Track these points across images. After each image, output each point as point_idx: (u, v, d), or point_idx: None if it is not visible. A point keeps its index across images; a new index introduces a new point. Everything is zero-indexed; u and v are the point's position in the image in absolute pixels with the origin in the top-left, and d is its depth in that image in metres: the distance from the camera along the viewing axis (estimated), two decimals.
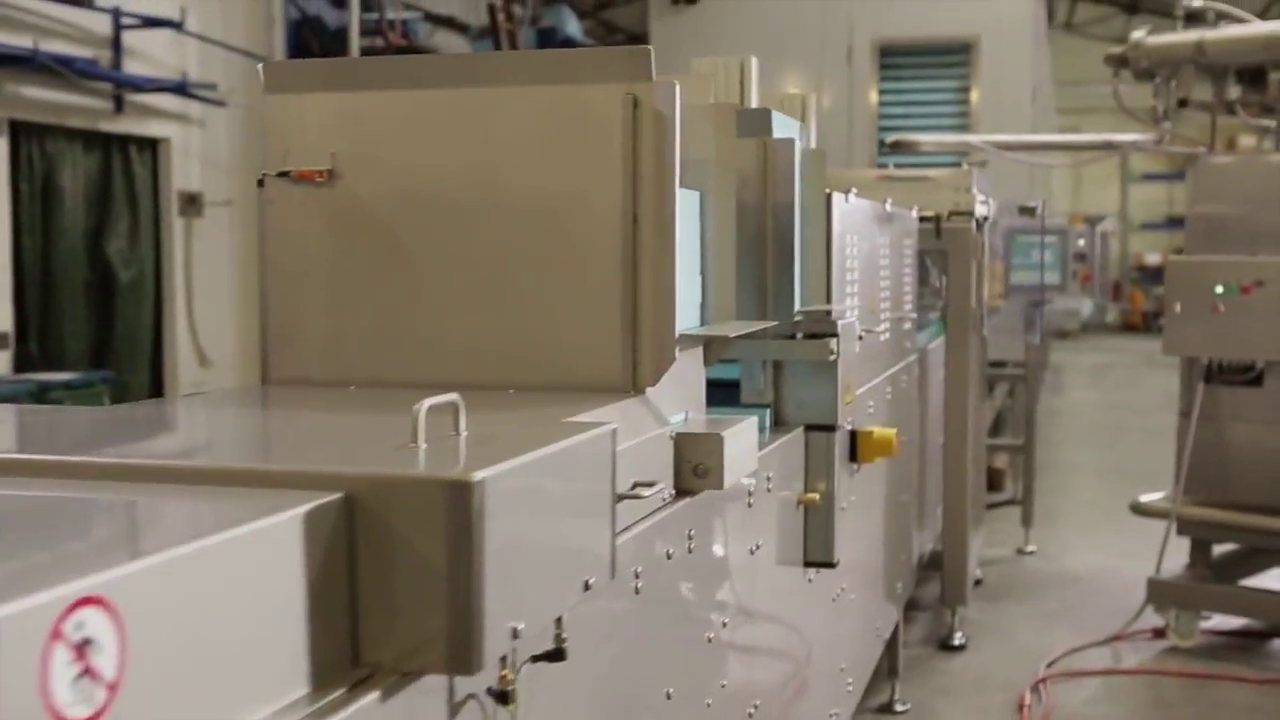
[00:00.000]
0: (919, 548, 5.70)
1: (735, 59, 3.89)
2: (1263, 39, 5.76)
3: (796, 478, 3.12)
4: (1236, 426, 5.93)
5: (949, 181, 5.65)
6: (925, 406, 5.67)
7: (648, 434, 2.08)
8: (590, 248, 2.20)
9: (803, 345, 3.08)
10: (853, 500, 3.82)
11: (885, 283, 4.42)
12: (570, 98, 2.20)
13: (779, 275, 3.08)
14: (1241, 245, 5.79)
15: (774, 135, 3.09)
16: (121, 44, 8.68)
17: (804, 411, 3.17)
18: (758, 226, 3.09)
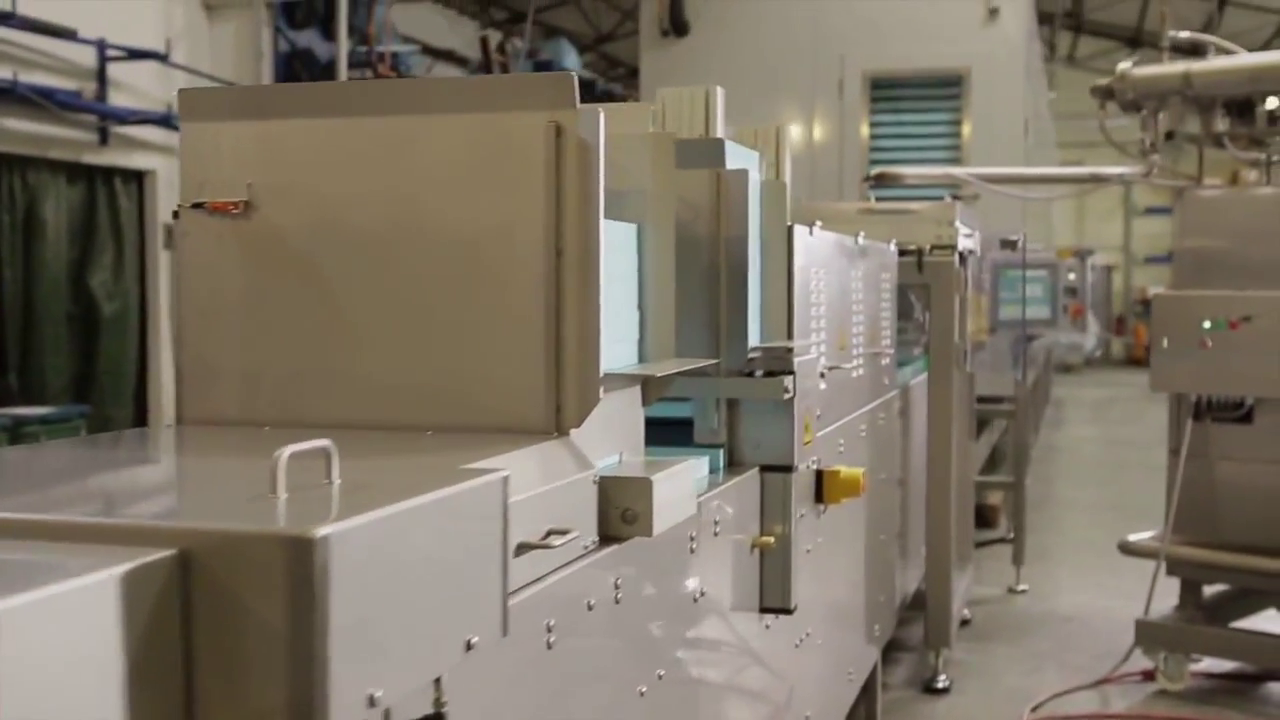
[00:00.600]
0: (902, 588, 5.58)
1: (700, 89, 3.80)
2: (1249, 71, 5.67)
3: (751, 520, 3.01)
4: (1226, 465, 5.81)
5: (931, 215, 5.56)
6: (908, 443, 5.56)
7: (566, 479, 1.98)
8: (513, 282, 2.10)
9: (756, 383, 2.98)
10: (820, 542, 3.71)
11: (858, 317, 4.32)
12: (492, 126, 2.11)
13: (733, 311, 2.99)
14: (1230, 279, 5.69)
15: (727, 166, 3.00)
16: (106, 76, 8.62)
17: (760, 452, 3.06)
18: (711, 260, 3.00)
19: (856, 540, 4.35)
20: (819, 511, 3.68)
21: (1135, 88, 5.88)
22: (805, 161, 9.33)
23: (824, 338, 3.74)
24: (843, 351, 4.04)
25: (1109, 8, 23.92)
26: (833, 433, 3.91)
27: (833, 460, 3.87)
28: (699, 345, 2.99)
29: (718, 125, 3.76)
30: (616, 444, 2.31)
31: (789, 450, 3.05)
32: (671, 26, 9.52)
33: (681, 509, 2.27)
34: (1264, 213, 5.70)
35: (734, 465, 3.05)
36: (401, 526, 1.33)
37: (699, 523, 2.57)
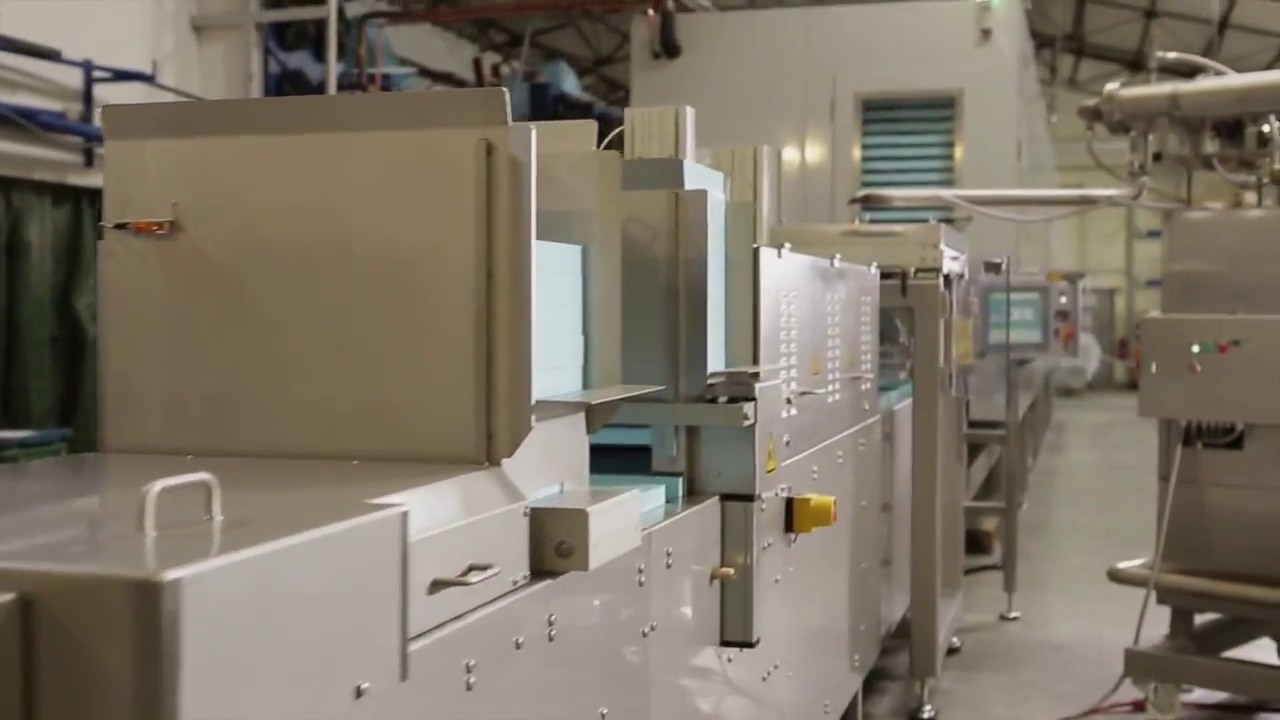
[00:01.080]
0: (887, 616, 5.49)
1: (669, 109, 3.74)
2: (1237, 92, 5.59)
3: (711, 551, 2.92)
4: (1217, 491, 5.71)
5: (916, 237, 5.48)
6: (893, 469, 5.47)
7: (493, 511, 1.90)
8: (443, 306, 2.03)
9: (714, 410, 2.89)
10: (790, 571, 3.62)
11: (835, 341, 4.23)
12: (422, 144, 2.03)
13: (691, 335, 2.91)
14: (1220, 303, 5.60)
15: (686, 187, 2.92)
16: (93, 97, 8.57)
17: (721, 480, 2.98)
18: (669, 283, 2.92)
19: (833, 569, 4.25)
20: (789, 540, 3.60)
21: (1123, 109, 5.80)
22: (798, 183, 9.26)
23: (795, 362, 3.66)
24: (817, 376, 3.96)
25: (1110, 31, 23.90)
26: (805, 459, 3.82)
27: (806, 487, 3.78)
28: (656, 370, 2.91)
29: (687, 145, 3.70)
30: (557, 473, 2.23)
31: (750, 479, 2.96)
32: (663, 48, 9.46)
33: (622, 541, 2.19)
34: (1254, 235, 5.62)
35: (694, 494, 2.97)
36: (276, 567, 1.25)
37: (648, 554, 2.49)
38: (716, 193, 3.23)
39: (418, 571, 1.65)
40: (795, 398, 3.68)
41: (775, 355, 3.46)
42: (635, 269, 2.92)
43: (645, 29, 9.51)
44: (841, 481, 4.38)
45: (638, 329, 2.92)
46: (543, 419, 2.14)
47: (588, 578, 2.13)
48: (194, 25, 9.56)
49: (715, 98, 9.45)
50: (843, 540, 4.45)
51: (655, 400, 2.91)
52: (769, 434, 3.06)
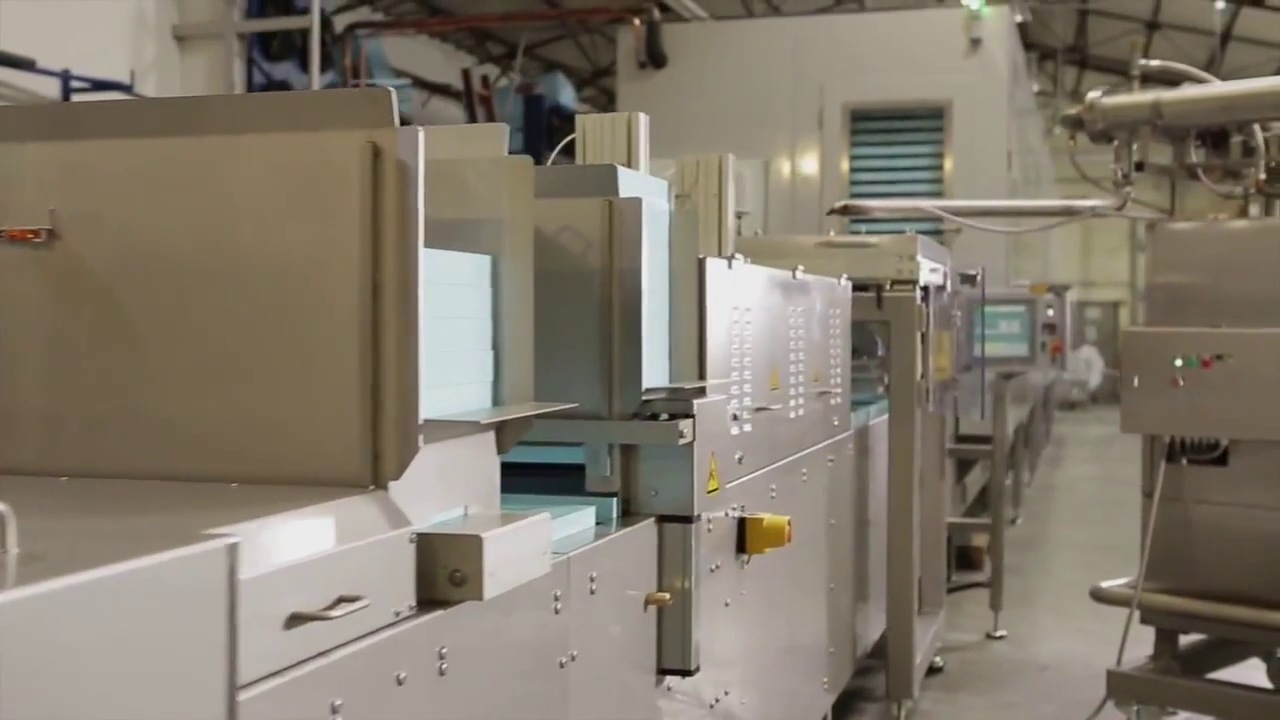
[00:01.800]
0: (864, 635, 5.36)
1: (622, 115, 3.62)
2: (1220, 100, 5.46)
3: (646, 575, 2.80)
4: (1202, 508, 5.57)
5: (892, 249, 5.36)
6: (869, 486, 5.34)
7: (370, 537, 1.77)
8: (328, 319, 1.91)
9: (648, 428, 2.77)
10: (744, 594, 3.49)
11: (798, 355, 4.11)
12: (305, 147, 1.92)
13: (626, 349, 2.78)
14: (1204, 316, 5.47)
15: (621, 194, 2.80)
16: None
17: (658, 501, 2.85)
18: (604, 295, 2.79)
19: (796, 589, 4.12)
20: (742, 562, 3.47)
21: (1105, 117, 5.67)
22: (786, 194, 9.15)
23: (749, 377, 3.54)
24: (775, 391, 3.84)
25: (1112, 43, 23.77)
26: (762, 477, 3.70)
27: (763, 506, 3.66)
28: (590, 386, 2.79)
29: (640, 154, 3.58)
30: (460, 496, 2.10)
31: (689, 499, 2.84)
32: (649, 58, 9.36)
33: (528, 568, 2.06)
34: (1239, 247, 5.49)
35: (631, 515, 2.84)
36: (62, 607, 1.13)
37: (567, 579, 2.36)
38: (659, 201, 3.12)
39: (270, 605, 1.53)
40: (749, 414, 3.56)
41: (725, 370, 3.34)
42: (568, 280, 2.81)
43: (631, 39, 9.41)
44: (806, 499, 4.25)
45: (571, 343, 2.81)
46: (442, 439, 2.03)
47: (489, 607, 2.01)
48: (175, 35, 9.47)
49: (702, 108, 9.36)
50: (809, 560, 4.33)
51: (589, 417, 2.80)
52: (710, 452, 2.93)
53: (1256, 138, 5.47)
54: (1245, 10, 20.13)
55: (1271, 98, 5.33)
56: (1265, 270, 5.37)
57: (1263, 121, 5.47)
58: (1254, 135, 5.48)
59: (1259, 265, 5.39)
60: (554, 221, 2.81)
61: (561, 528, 2.55)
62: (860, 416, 5.48)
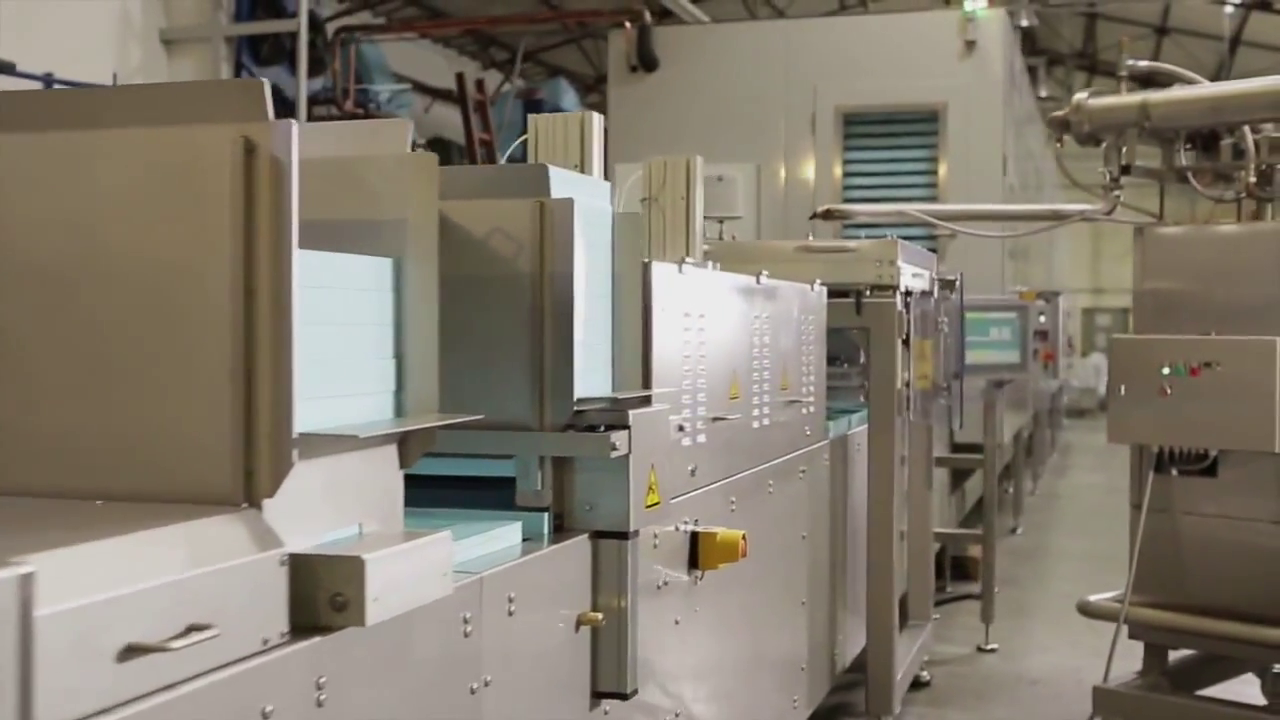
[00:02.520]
0: (842, 650, 5.22)
1: (575, 116, 3.51)
2: (1209, 101, 5.32)
3: (579, 594, 2.67)
4: (1190, 520, 5.43)
5: (871, 253, 5.22)
6: (847, 497, 5.21)
7: (231, 560, 1.65)
8: (198, 326, 1.79)
9: (579, 439, 2.64)
10: (697, 611, 3.37)
11: (762, 363, 3.98)
12: (174, 142, 1.80)
13: (557, 358, 2.66)
14: (1193, 323, 5.33)
15: (552, 195, 2.68)
16: None
17: (593, 516, 2.72)
18: (534, 301, 2.67)
19: (761, 605, 3.99)
20: (695, 578, 3.34)
21: (1091, 119, 5.54)
22: (779, 199, 9.02)
23: (704, 385, 3.41)
24: (736, 400, 3.71)
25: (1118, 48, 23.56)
26: (720, 489, 3.58)
27: (721, 520, 3.53)
28: (520, 397, 2.67)
29: (594, 154, 3.47)
30: (354, 514, 1.98)
31: (624, 514, 2.71)
32: (640, 61, 9.23)
33: (423, 590, 1.94)
34: (1227, 252, 5.35)
35: (565, 531, 2.72)
36: None
37: (480, 600, 2.24)
38: (600, 203, 3.00)
39: (95, 637, 1.40)
40: (705, 424, 3.43)
41: (676, 378, 3.22)
42: (498, 285, 2.69)
43: (623, 42, 9.29)
44: (773, 511, 4.12)
45: (500, 351, 2.69)
46: (328, 453, 1.90)
47: (379, 632, 1.88)
48: (163, 38, 9.38)
49: (694, 112, 9.24)
50: (777, 573, 4.20)
51: (519, 429, 2.68)
52: (650, 464, 2.80)
53: (1246, 140, 5.33)
54: (1255, 15, 19.95)
55: (1261, 99, 5.19)
56: (1256, 276, 5.22)
57: (1253, 123, 5.33)
58: (1244, 138, 5.34)
59: (1249, 271, 5.25)
60: (484, 224, 2.69)
61: (482, 545, 2.44)
62: (841, 425, 5.35)
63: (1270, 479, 5.20)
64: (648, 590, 3.04)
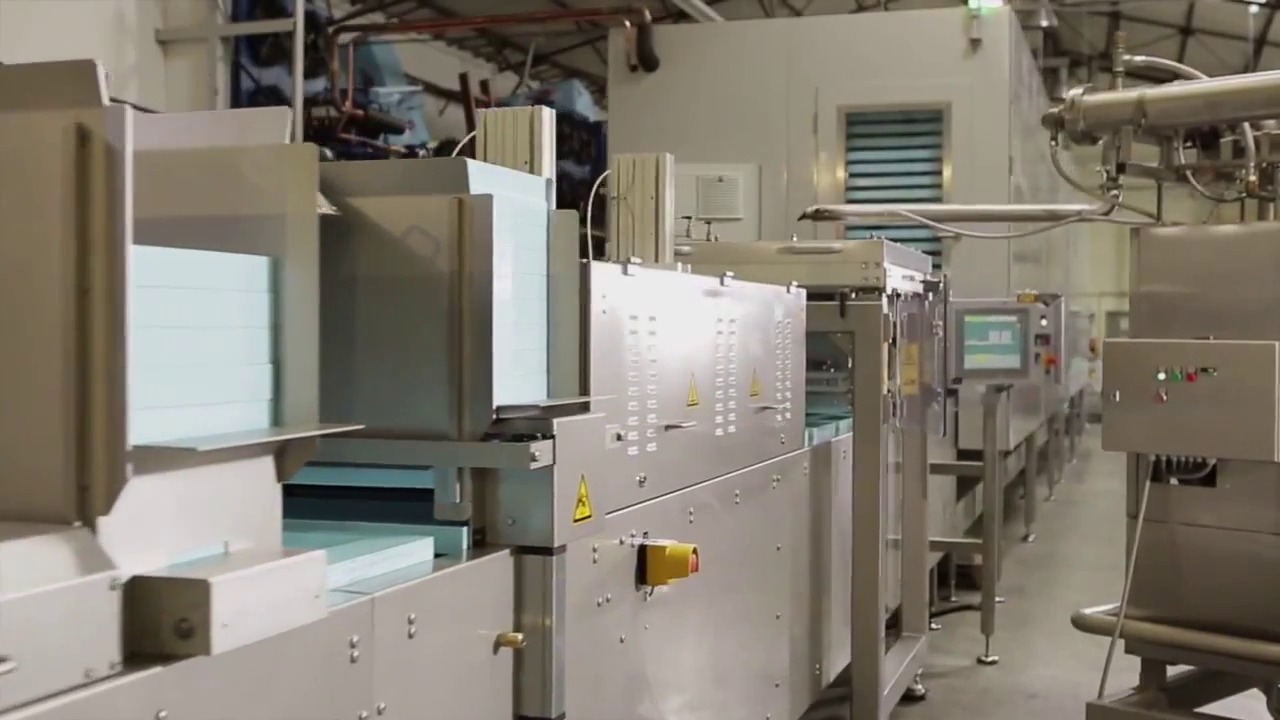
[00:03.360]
0: (827, 664, 5.06)
1: (525, 111, 3.36)
2: (1206, 97, 5.13)
3: (497, 613, 2.52)
4: (1189, 531, 5.24)
5: (857, 255, 5.06)
6: (829, 506, 5.04)
7: (43, 585, 1.51)
8: (28, 327, 1.65)
9: (495, 450, 2.49)
10: (646, 629, 3.22)
11: (726, 368, 3.83)
12: (2, 129, 1.66)
13: (476, 363, 2.51)
14: (1192, 327, 5.14)
15: (471, 190, 2.53)
16: None
17: (516, 530, 2.58)
18: (452, 303, 2.53)
19: (726, 620, 3.83)
20: (644, 594, 3.19)
21: (1086, 117, 5.36)
22: (780, 200, 8.86)
23: (654, 391, 3.26)
24: (695, 407, 3.56)
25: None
26: (676, 500, 3.43)
27: (677, 533, 3.38)
28: (437, 404, 2.52)
29: (544, 151, 3.32)
30: (219, 532, 1.84)
31: (548, 528, 2.56)
32: (640, 61, 9.08)
33: (285, 614, 1.79)
34: (1226, 253, 5.16)
35: (487, 546, 2.57)
36: None
37: (371, 622, 2.09)
38: (536, 200, 2.85)
39: None
40: (657, 432, 3.28)
41: (620, 384, 3.07)
42: (416, 286, 2.55)
43: (622, 41, 9.15)
44: (742, 522, 3.97)
45: (418, 356, 2.55)
46: (183, 466, 1.76)
47: (238, 660, 1.74)
48: (159, 39, 9.28)
49: (694, 112, 9.09)
50: (746, 587, 4.04)
51: (437, 438, 2.53)
52: (580, 475, 2.65)
53: (1247, 137, 5.15)
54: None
55: (1260, 94, 5.00)
56: (1255, 278, 5.03)
57: (1253, 120, 5.15)
58: (1244, 135, 5.15)
59: (1249, 273, 5.06)
60: (401, 221, 2.55)
61: (385, 562, 2.29)
62: (828, 432, 5.20)
63: (1271, 489, 5.01)
64: (585, 608, 2.89)
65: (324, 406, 2.37)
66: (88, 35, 8.87)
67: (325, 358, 2.56)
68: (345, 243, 2.56)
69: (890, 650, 5.93)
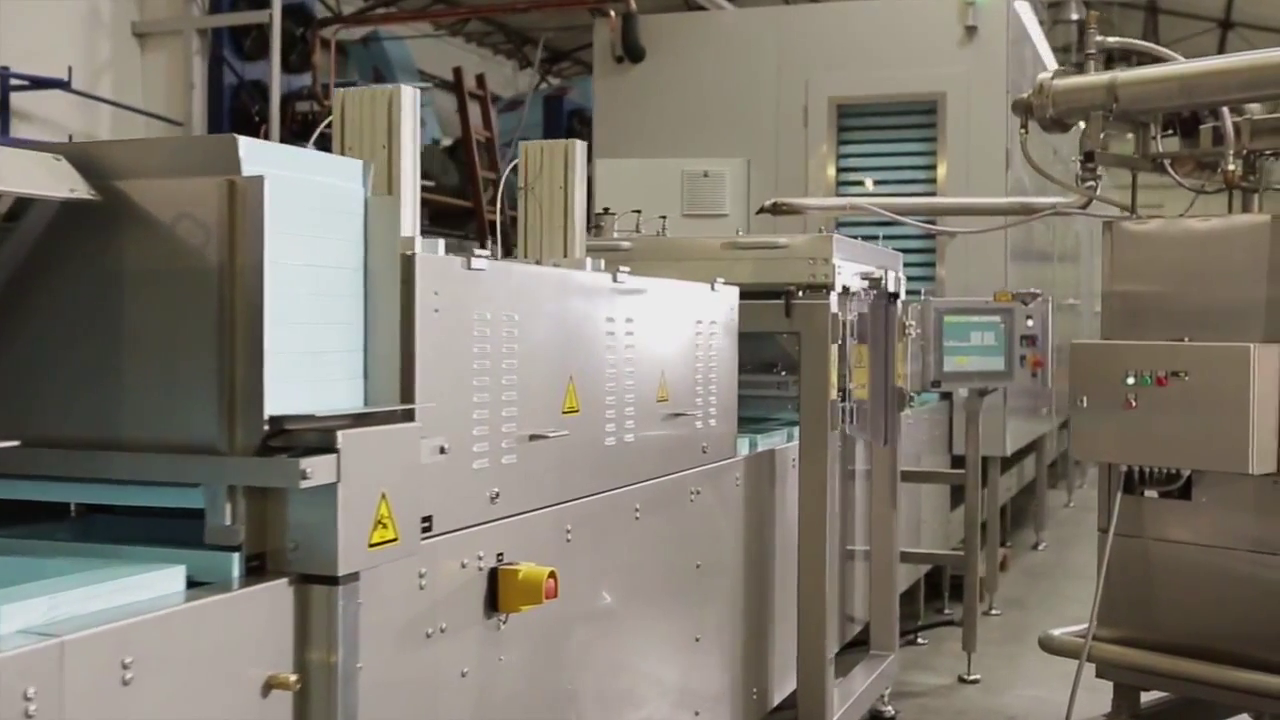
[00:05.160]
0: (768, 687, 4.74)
1: (384, 89, 3.07)
2: (1180, 79, 4.76)
3: (269, 652, 2.22)
4: (1162, 547, 4.88)
5: (804, 250, 4.73)
6: (771, 519, 4.72)
7: None
8: None
9: (262, 465, 2.19)
10: (502, 661, 2.92)
11: (621, 371, 3.52)
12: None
13: (247, 368, 2.22)
14: (1166, 328, 4.78)
15: (244, 172, 2.24)
16: (10, 106, 8.10)
17: (300, 557, 2.28)
18: (222, 300, 2.23)
19: (615, 646, 3.51)
20: (498, 622, 2.89)
21: (1056, 102, 5.01)
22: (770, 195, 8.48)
23: (513, 398, 2.96)
24: (573, 415, 3.25)
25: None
26: (547, 517, 3.12)
27: (552, 553, 3.09)
28: (207, 414, 2.23)
29: (404, 134, 3.03)
30: None
31: (332, 554, 2.25)
32: (625, 52, 8.78)
33: None
34: (1203, 249, 4.79)
35: (269, 574, 2.27)
36: None
37: (61, 669, 1.80)
38: (348, 185, 2.56)
39: None
40: (517, 442, 2.98)
41: (463, 390, 2.77)
42: (185, 280, 2.26)
43: (607, 31, 8.85)
44: (644, 539, 3.66)
45: (187, 360, 2.26)
46: None
47: None
48: (135, 32, 9.06)
49: (681, 104, 8.79)
50: (651, 609, 3.73)
51: (206, 452, 2.24)
52: (380, 494, 2.35)
53: (1225, 123, 4.78)
54: None
55: (1238, 76, 4.64)
56: (1233, 275, 4.67)
57: (1232, 104, 4.78)
58: (1223, 120, 4.79)
59: (1226, 270, 4.69)
60: (171, 207, 2.27)
61: (121, 594, 2.00)
62: (776, 439, 4.89)
63: (1249, 502, 4.65)
64: (410, 640, 2.60)
65: (84, 414, 2.10)
66: (62, 28, 8.67)
67: (86, 360, 2.29)
68: (108, 231, 2.28)
69: (855, 669, 5.61)
